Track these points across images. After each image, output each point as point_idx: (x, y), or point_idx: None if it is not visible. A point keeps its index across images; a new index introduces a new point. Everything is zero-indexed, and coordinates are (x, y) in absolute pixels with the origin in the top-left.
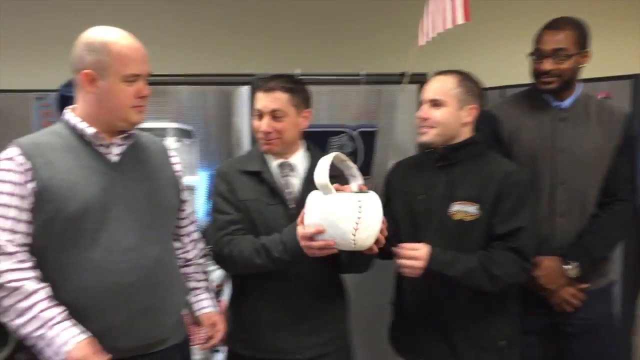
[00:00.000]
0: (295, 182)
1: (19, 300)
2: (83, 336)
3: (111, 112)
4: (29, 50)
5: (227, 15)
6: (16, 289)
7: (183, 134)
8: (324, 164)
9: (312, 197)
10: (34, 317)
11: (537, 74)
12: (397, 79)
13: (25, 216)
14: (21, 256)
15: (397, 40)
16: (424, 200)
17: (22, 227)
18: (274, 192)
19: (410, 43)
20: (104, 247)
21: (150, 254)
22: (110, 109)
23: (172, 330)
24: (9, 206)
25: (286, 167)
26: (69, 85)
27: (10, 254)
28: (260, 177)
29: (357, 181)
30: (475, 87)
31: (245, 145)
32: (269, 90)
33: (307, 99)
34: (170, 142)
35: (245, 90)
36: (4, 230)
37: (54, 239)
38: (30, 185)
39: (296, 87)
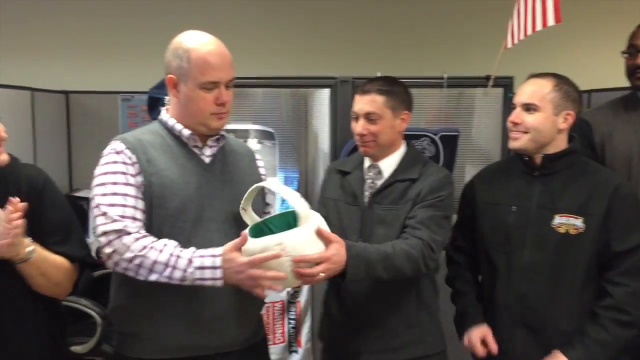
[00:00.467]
0: (379, 184)
1: (157, 257)
2: (219, 250)
3: (192, 117)
4: (117, 54)
5: (309, 19)
6: (148, 248)
7: (265, 135)
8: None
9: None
10: (176, 265)
11: (632, 70)
12: (480, 82)
13: (141, 205)
14: (143, 232)
15: (480, 43)
16: (516, 211)
17: (140, 215)
18: (355, 193)
19: (494, 45)
20: (198, 246)
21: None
22: (191, 114)
23: (254, 330)
24: (127, 195)
25: (372, 170)
26: (158, 87)
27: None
28: (348, 177)
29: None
30: (573, 91)
31: (325, 147)
32: (364, 92)
33: (405, 101)
34: (253, 144)
35: (326, 92)
36: (125, 217)
37: (153, 233)
38: (140, 178)
39: (394, 89)
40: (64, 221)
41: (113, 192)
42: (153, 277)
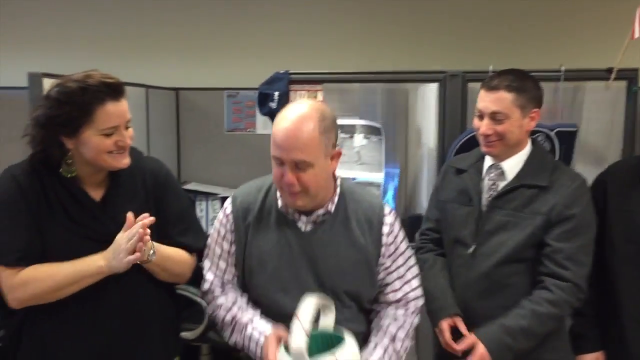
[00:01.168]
0: (501, 186)
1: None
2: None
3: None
4: (223, 52)
5: (417, 12)
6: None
7: (371, 130)
8: (305, 318)
9: None
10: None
11: None
12: (601, 74)
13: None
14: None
15: (601, 33)
16: None
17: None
18: (468, 192)
19: (616, 35)
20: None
21: None
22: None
23: None
24: (219, 256)
25: (494, 170)
26: (268, 82)
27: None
28: (463, 175)
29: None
30: None
31: (431, 143)
32: (491, 89)
33: (536, 98)
34: (359, 139)
35: (431, 87)
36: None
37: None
38: (231, 246)
39: (525, 85)
40: (184, 212)
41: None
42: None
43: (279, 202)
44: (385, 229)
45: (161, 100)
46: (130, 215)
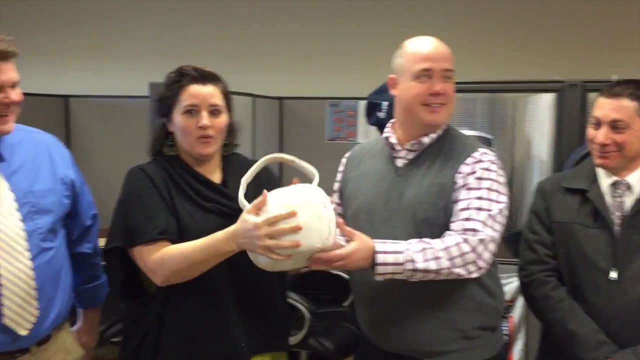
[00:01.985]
0: (628, 202)
1: None
2: None
3: (407, 113)
4: (326, 62)
5: (530, 19)
6: None
7: (482, 142)
8: (253, 169)
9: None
10: None
11: None
12: None
13: (338, 209)
14: None
15: None
16: None
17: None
18: (598, 214)
19: None
20: None
21: None
22: (407, 108)
23: (446, 345)
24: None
25: (621, 186)
26: (377, 92)
27: None
28: (585, 196)
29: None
30: None
31: (543, 155)
32: (613, 96)
33: None
34: None
35: (547, 97)
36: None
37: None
38: (338, 184)
39: None
40: None
41: None
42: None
43: (385, 135)
44: (469, 160)
45: (266, 109)
46: (266, 192)
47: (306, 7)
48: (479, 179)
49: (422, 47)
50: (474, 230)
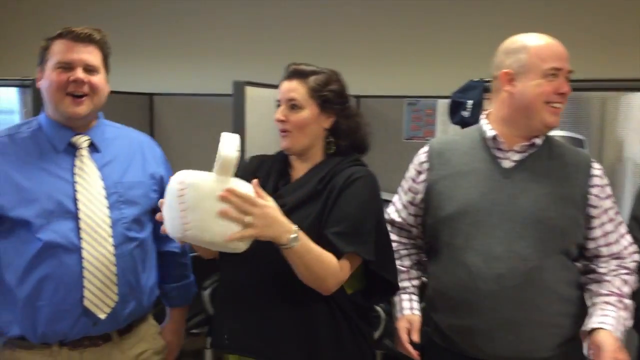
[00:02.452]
0: None
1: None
2: (405, 312)
3: (526, 112)
4: (404, 60)
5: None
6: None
7: (574, 143)
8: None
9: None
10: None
11: None
12: None
13: (411, 209)
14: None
15: None
16: None
17: (404, 214)
18: None
19: None
20: (475, 251)
21: (520, 268)
22: (525, 108)
23: (551, 351)
24: (404, 193)
25: None
26: (462, 91)
27: (393, 226)
28: None
29: None
30: None
31: (638, 158)
32: None
33: None
34: None
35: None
36: (395, 210)
37: (436, 232)
38: (423, 183)
39: None
40: (350, 216)
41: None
42: None
43: (488, 134)
44: (597, 173)
45: None
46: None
47: (385, 6)
48: (609, 196)
49: (551, 45)
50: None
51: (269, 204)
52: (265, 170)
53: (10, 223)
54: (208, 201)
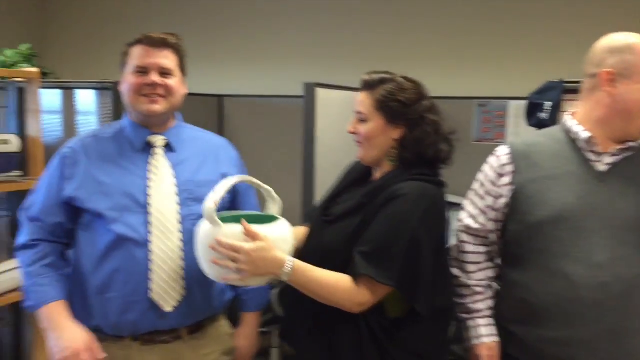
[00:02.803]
0: None
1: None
2: (485, 340)
3: (625, 115)
4: (474, 59)
5: None
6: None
7: None
8: (221, 188)
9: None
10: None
11: None
12: None
13: (491, 214)
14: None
15: None
16: None
17: (482, 219)
18: None
19: None
20: (574, 258)
21: (624, 275)
22: (624, 111)
23: None
24: (481, 197)
25: None
26: (539, 92)
27: (470, 233)
28: None
29: (275, 205)
30: None
31: None
32: None
33: None
34: None
35: None
36: (470, 216)
37: (523, 239)
38: (507, 187)
39: None
40: (380, 236)
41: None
42: None
43: (582, 135)
44: None
45: None
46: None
47: (454, 5)
48: None
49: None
50: None
51: (255, 245)
52: (348, 173)
53: (89, 215)
54: (203, 249)
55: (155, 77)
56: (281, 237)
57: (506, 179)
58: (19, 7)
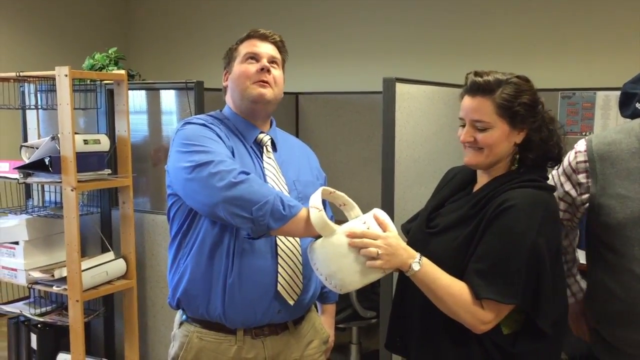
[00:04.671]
0: None
1: None
2: None
3: None
4: (559, 50)
5: None
6: None
7: None
8: (316, 197)
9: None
10: None
11: None
12: None
13: (563, 205)
14: None
15: None
16: None
17: (562, 206)
18: None
19: None
20: None
21: None
22: None
23: None
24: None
25: None
26: (634, 81)
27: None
28: None
29: (354, 209)
30: None
31: None
32: None
33: None
34: None
35: None
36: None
37: (602, 239)
38: (584, 184)
39: None
40: (493, 253)
41: None
42: None
43: None
44: None
45: None
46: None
47: None
48: None
49: None
50: None
51: (390, 233)
52: (447, 182)
53: None
54: (335, 257)
55: (266, 63)
56: (390, 222)
57: (582, 178)
58: (106, 13)
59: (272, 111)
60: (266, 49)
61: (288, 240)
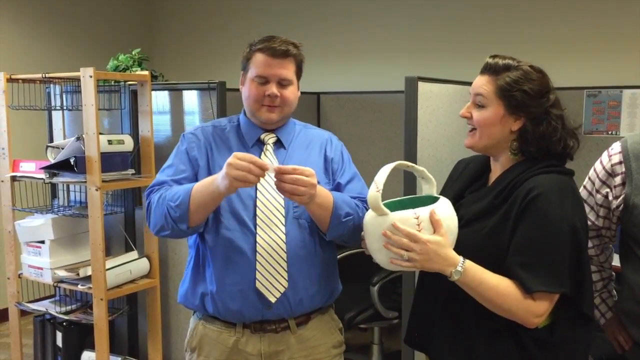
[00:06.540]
0: None
1: None
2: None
3: None
4: (584, 48)
5: None
6: None
7: None
8: (381, 175)
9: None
10: None
11: None
12: None
13: (602, 211)
14: None
15: None
16: None
17: (592, 217)
18: None
19: None
20: None
21: None
22: None
23: None
24: (589, 193)
25: None
26: None
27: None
28: None
29: (430, 185)
30: None
31: None
32: None
33: None
34: None
35: None
36: None
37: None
38: (620, 187)
39: None
40: (535, 245)
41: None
42: None
43: None
44: None
45: None
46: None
47: None
48: None
49: None
50: None
51: (433, 237)
52: (460, 173)
53: None
54: (372, 236)
55: (274, 89)
56: (450, 215)
57: (617, 179)
58: (130, 15)
59: (286, 121)
60: (276, 70)
61: (270, 237)
